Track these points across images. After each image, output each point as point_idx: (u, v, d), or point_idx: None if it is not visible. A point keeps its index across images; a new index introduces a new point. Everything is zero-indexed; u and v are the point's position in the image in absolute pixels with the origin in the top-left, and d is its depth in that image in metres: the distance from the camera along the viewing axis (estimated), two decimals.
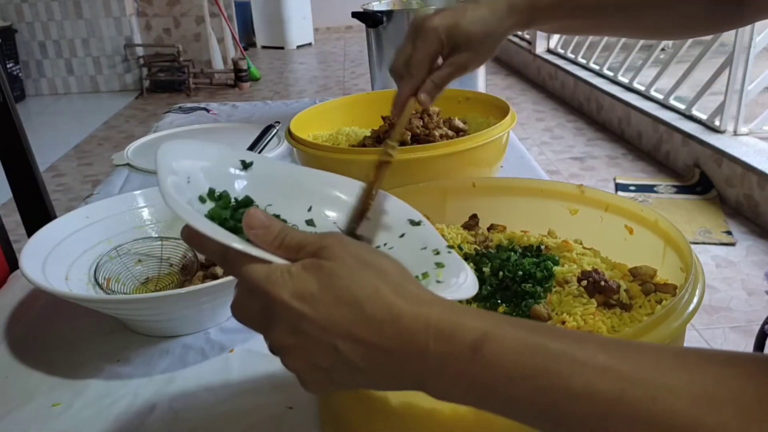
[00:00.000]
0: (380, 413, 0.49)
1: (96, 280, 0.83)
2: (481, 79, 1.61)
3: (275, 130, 1.09)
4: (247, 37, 6.84)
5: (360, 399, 0.50)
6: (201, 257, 0.89)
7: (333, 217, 0.56)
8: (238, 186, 0.54)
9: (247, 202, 0.52)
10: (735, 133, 2.98)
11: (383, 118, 1.07)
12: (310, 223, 0.55)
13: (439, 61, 0.65)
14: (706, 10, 0.62)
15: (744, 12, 0.61)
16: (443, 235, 0.72)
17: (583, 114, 4.22)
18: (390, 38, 1.52)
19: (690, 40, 3.29)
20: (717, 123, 3.03)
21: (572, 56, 4.64)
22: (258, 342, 0.76)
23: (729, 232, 2.56)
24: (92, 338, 0.78)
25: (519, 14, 0.61)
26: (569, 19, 0.64)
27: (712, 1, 0.61)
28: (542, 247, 0.67)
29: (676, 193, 2.95)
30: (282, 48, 6.97)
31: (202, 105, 1.77)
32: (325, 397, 0.57)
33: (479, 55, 0.62)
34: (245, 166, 0.55)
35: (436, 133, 1.01)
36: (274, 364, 0.72)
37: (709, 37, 3.10)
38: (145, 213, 0.92)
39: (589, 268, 0.62)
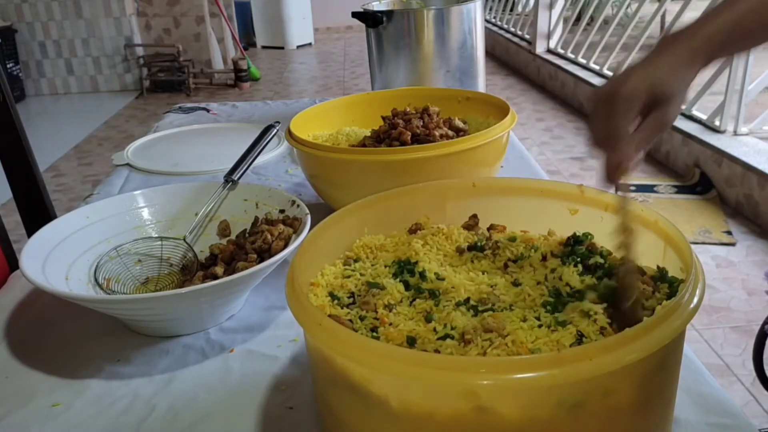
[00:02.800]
0: (380, 413, 0.49)
1: (96, 280, 0.83)
2: (481, 79, 1.61)
3: (275, 130, 1.09)
4: (247, 37, 6.84)
5: (360, 399, 0.50)
6: (201, 257, 0.89)
7: None
8: None
9: None
10: (735, 133, 2.98)
11: (383, 118, 1.07)
12: None
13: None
14: None
15: None
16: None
17: (584, 114, 4.21)
18: (390, 38, 1.52)
19: None
20: (717, 123, 3.03)
21: (572, 56, 4.63)
22: (258, 342, 0.76)
23: (729, 232, 2.56)
24: (92, 338, 0.78)
25: (701, 56, 0.61)
26: (744, 44, 0.65)
27: None
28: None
29: (676, 193, 2.95)
30: (282, 48, 6.97)
31: (202, 105, 1.77)
32: (325, 398, 0.57)
33: (679, 106, 0.61)
34: None
35: (436, 133, 1.01)
36: (274, 364, 0.72)
37: None
38: (145, 213, 0.93)
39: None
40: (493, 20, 6.27)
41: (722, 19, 0.61)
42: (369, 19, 1.51)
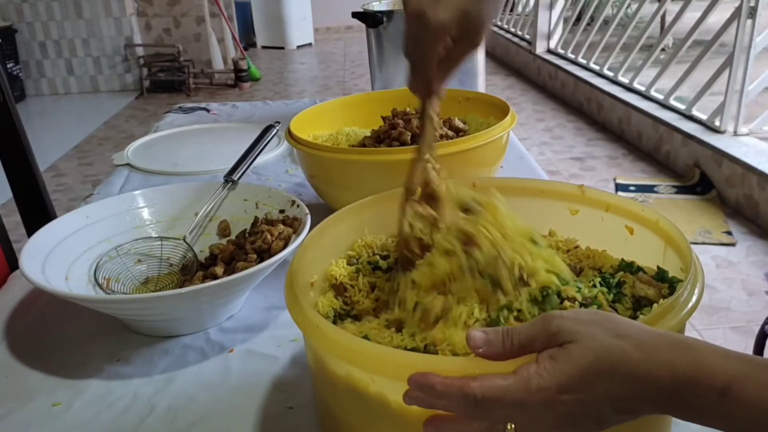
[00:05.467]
0: (379, 415, 0.49)
1: (96, 280, 0.83)
2: (481, 79, 1.61)
3: (275, 130, 1.09)
4: (247, 37, 6.84)
5: (359, 400, 0.50)
6: (201, 257, 0.89)
7: None
8: None
9: None
10: (735, 134, 2.98)
11: (383, 118, 1.07)
12: None
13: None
14: None
15: None
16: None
17: (584, 114, 4.22)
18: (390, 38, 1.52)
19: (690, 40, 3.29)
20: (717, 123, 3.03)
21: (572, 56, 4.63)
22: (258, 342, 0.76)
23: (729, 233, 2.56)
24: (92, 338, 0.78)
25: None
26: None
27: None
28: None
29: (676, 193, 2.95)
30: (282, 48, 6.97)
31: (202, 105, 1.77)
32: (325, 398, 0.57)
33: (487, 30, 0.60)
34: None
35: (436, 134, 1.01)
36: (273, 364, 0.72)
37: (709, 37, 3.11)
38: (145, 213, 0.93)
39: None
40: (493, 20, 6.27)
41: None
42: (369, 19, 1.51)
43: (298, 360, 0.72)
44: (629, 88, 3.83)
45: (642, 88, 3.71)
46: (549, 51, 5.02)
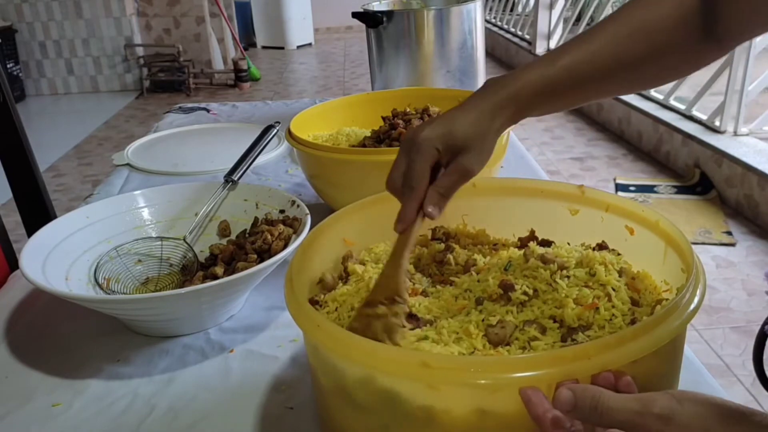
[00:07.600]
0: (379, 414, 0.49)
1: (96, 280, 0.83)
2: (482, 80, 1.61)
3: (275, 130, 1.09)
4: (247, 37, 6.84)
5: (359, 399, 0.50)
6: (201, 257, 0.89)
7: None
8: None
9: None
10: (735, 134, 2.98)
11: (383, 118, 1.07)
12: None
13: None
14: (689, 54, 0.62)
15: (723, 45, 0.61)
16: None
17: (584, 114, 4.21)
18: (390, 38, 1.52)
19: None
20: (717, 123, 3.03)
21: None
22: (258, 342, 0.76)
23: (729, 233, 2.56)
24: (92, 338, 0.78)
25: (506, 110, 0.60)
26: (556, 103, 0.63)
27: (693, 47, 0.61)
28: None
29: (676, 193, 2.95)
30: (282, 48, 6.97)
31: (202, 105, 1.77)
32: (324, 398, 0.57)
33: (480, 156, 0.61)
34: None
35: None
36: (274, 365, 0.72)
37: None
38: (145, 213, 0.93)
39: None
40: (493, 20, 6.27)
41: (536, 74, 0.60)
42: (369, 19, 1.51)
43: (298, 360, 0.72)
44: None
45: None
46: (549, 51, 5.02)
